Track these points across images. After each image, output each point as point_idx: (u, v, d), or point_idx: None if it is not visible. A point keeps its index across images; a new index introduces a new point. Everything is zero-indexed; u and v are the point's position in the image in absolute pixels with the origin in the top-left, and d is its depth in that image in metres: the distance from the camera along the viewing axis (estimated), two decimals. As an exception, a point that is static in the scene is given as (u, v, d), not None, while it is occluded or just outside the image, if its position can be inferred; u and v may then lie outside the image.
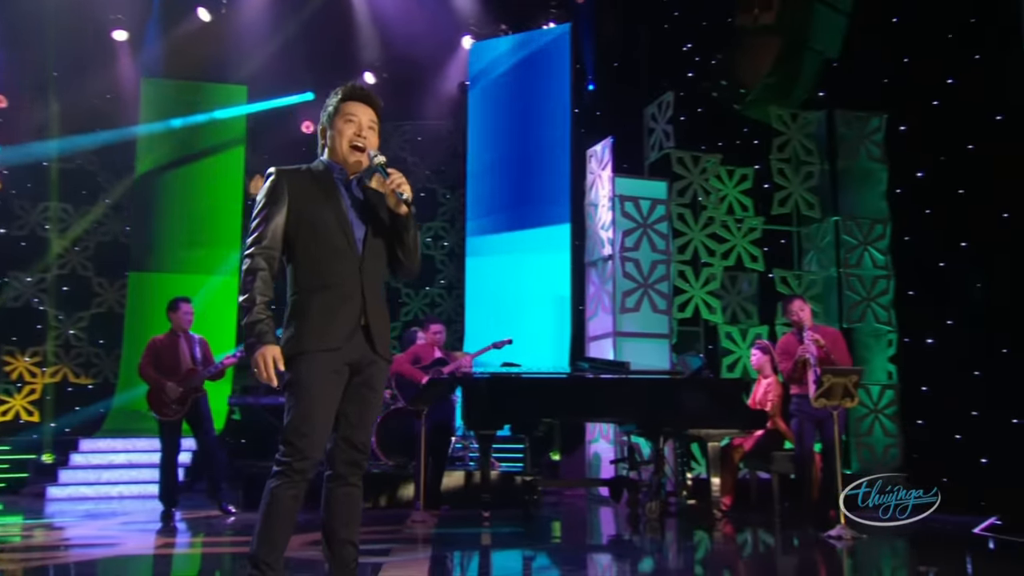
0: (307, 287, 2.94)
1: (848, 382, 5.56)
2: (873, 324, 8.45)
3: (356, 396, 2.96)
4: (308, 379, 2.84)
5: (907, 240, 8.78)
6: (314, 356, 2.85)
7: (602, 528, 6.51)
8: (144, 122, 11.54)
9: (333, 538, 2.96)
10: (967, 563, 4.45)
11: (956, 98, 8.50)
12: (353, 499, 2.98)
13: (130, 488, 8.90)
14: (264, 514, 2.82)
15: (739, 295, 8.89)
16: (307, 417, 2.83)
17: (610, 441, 7.96)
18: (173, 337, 6.79)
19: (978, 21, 8.49)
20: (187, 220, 11.50)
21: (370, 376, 2.98)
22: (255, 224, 2.98)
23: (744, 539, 5.86)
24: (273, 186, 3.01)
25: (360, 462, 2.98)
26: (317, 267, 2.94)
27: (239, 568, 4.38)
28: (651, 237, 8.22)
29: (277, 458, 2.85)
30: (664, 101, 8.74)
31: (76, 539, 5.86)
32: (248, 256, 2.95)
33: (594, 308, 8.43)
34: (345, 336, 2.90)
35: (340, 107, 3.09)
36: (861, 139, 8.75)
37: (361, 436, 2.97)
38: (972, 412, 8.09)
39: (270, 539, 2.81)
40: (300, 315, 2.90)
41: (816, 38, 9.09)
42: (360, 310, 2.95)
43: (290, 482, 2.82)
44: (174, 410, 6.58)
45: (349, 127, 3.05)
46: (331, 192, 3.03)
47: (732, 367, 8.35)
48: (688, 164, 8.58)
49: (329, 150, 3.11)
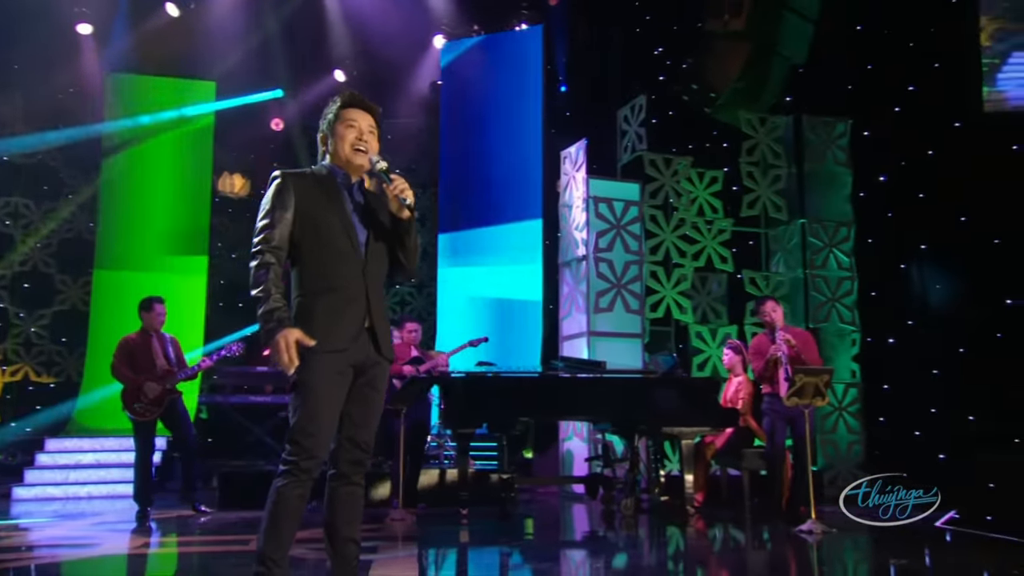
0: (312, 290, 3.00)
1: (819, 381, 5.74)
2: (837, 324, 8.68)
3: (360, 396, 3.02)
4: (314, 380, 2.90)
5: (870, 242, 9.05)
6: (320, 357, 2.91)
7: (579, 525, 6.63)
8: (109, 118, 11.38)
9: (335, 536, 3.02)
10: (925, 555, 4.62)
11: (917, 104, 8.78)
12: (356, 498, 3.04)
13: (99, 488, 8.80)
14: (270, 512, 2.87)
15: (709, 295, 9.08)
16: (313, 417, 2.89)
17: (584, 439, 8.09)
18: (145, 336, 6.74)
19: (938, 30, 8.78)
20: (154, 218, 11.36)
21: (373, 377, 3.05)
22: (263, 225, 3.02)
23: (718, 535, 6.02)
24: (279, 189, 3.06)
25: (363, 461, 3.05)
26: (322, 270, 2.99)
27: (221, 567, 4.42)
28: (624, 238, 8.36)
29: (284, 457, 2.90)
30: (637, 104, 8.89)
31: (55, 540, 5.82)
32: (257, 253, 2.99)
33: (568, 308, 8.54)
34: (351, 338, 2.97)
35: (340, 113, 3.16)
36: (827, 144, 8.98)
37: (365, 436, 3.03)
38: (931, 410, 8.39)
39: (277, 537, 2.86)
40: (305, 317, 2.95)
41: (784, 44, 9.31)
42: (364, 312, 3.02)
43: (296, 481, 2.87)
44: (150, 411, 6.52)
45: (350, 132, 3.12)
46: (334, 196, 3.09)
47: (702, 366, 8.52)
48: (660, 166, 8.74)
49: (331, 155, 3.18)
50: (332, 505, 3.03)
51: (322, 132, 3.22)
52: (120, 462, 9.12)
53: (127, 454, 9.22)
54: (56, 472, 8.91)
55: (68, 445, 9.31)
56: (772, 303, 6.63)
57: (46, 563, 4.70)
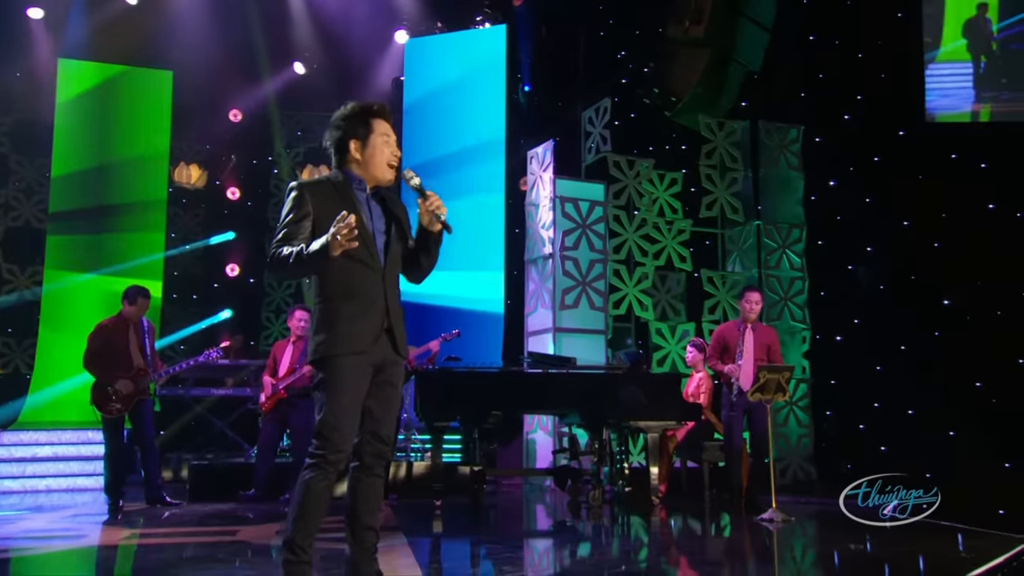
0: (333, 296, 3.15)
1: (781, 378, 6.08)
2: (789, 322, 9.10)
3: (380, 393, 3.20)
4: (339, 380, 3.08)
5: (820, 244, 9.49)
6: (344, 359, 3.09)
7: (551, 515, 6.87)
8: (61, 104, 11.19)
9: (356, 523, 3.20)
10: (867, 542, 4.95)
11: (865, 113, 9.24)
12: (377, 488, 3.23)
13: (58, 481, 8.75)
14: (300, 503, 3.05)
15: (668, 293, 9.41)
16: (339, 414, 3.07)
17: (548, 432, 8.35)
18: (123, 326, 6.65)
19: (884, 43, 9.24)
20: (108, 207, 11.21)
21: (392, 375, 3.23)
22: (281, 234, 3.16)
23: (685, 524, 6.33)
24: (297, 200, 3.19)
25: (385, 454, 3.23)
26: (342, 277, 3.14)
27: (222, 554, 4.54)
28: (589, 237, 8.64)
29: (311, 451, 3.07)
30: (602, 106, 9.16)
31: (37, 532, 5.81)
32: (276, 251, 3.11)
33: (534, 304, 8.78)
34: (372, 340, 3.15)
35: (373, 124, 3.28)
36: (781, 148, 9.39)
37: (386, 430, 3.22)
38: (874, 404, 8.87)
39: (305, 525, 3.04)
40: (329, 322, 3.12)
41: (740, 51, 9.68)
42: (383, 315, 3.20)
43: (323, 473, 3.06)
44: (118, 409, 6.48)
45: (387, 147, 3.28)
46: (352, 206, 3.20)
47: (662, 362, 8.85)
48: (624, 168, 9.02)
49: (358, 163, 3.29)
50: (355, 495, 3.20)
51: (345, 137, 3.29)
52: (79, 455, 9.08)
53: (85, 447, 9.19)
54: (12, 465, 8.83)
55: (24, 438, 9.21)
56: (759, 295, 6.89)
57: (41, 553, 4.75)
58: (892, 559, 4.50)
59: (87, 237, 11.02)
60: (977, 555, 4.40)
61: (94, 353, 6.54)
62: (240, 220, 12.68)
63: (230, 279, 12.64)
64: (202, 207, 12.94)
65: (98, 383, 6.51)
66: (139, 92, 11.45)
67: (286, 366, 7.23)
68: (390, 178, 3.32)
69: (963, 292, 8.28)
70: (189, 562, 4.44)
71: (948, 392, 8.00)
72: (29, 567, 4.45)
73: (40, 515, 6.59)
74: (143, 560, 4.51)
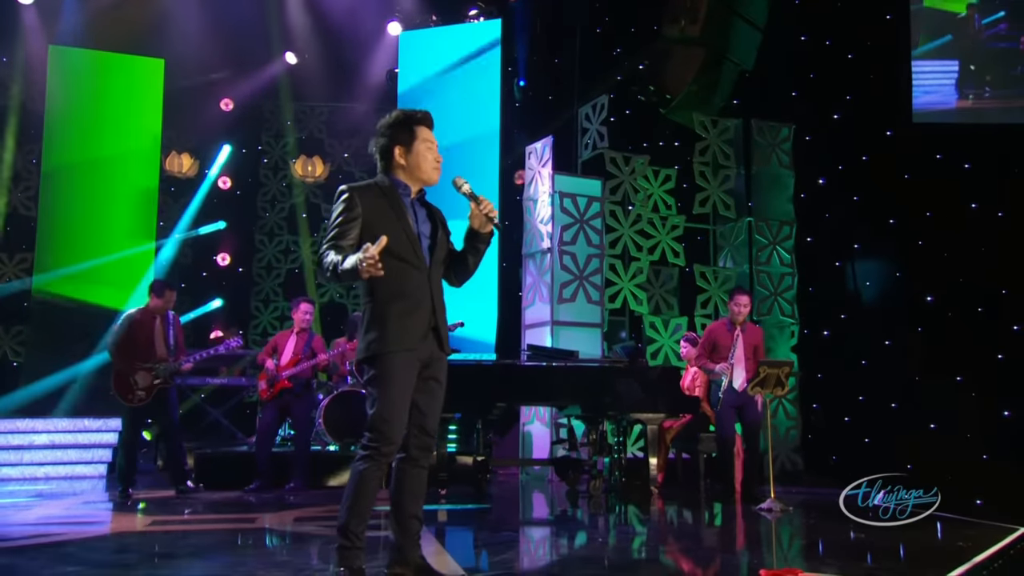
0: (383, 297, 3.33)
1: (781, 373, 6.35)
2: (779, 317, 9.37)
3: (425, 388, 3.40)
4: (390, 375, 3.27)
5: (809, 241, 9.78)
6: (395, 355, 3.29)
7: (554, 504, 7.08)
8: (51, 92, 11.18)
9: (401, 512, 3.39)
10: (865, 530, 5.20)
11: (854, 112, 9.51)
12: (422, 479, 3.43)
13: (56, 469, 8.83)
14: (353, 492, 3.24)
15: (662, 288, 9.65)
16: (391, 408, 3.26)
17: (545, 423, 8.57)
18: (150, 318, 6.78)
19: (873, 44, 9.52)
20: (100, 197, 11.20)
21: (437, 370, 3.43)
22: (331, 236, 3.34)
23: (685, 512, 6.57)
24: (348, 203, 3.38)
25: (430, 446, 3.43)
26: (392, 278, 3.30)
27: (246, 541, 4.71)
28: (587, 232, 8.85)
29: (364, 444, 3.27)
30: (599, 103, 9.37)
31: (54, 519, 5.91)
32: (324, 255, 3.28)
33: (531, 298, 8.98)
34: (419, 338, 3.35)
35: (416, 131, 3.48)
36: (773, 147, 9.64)
37: (432, 423, 3.42)
38: (859, 397, 9.19)
39: (359, 513, 3.24)
40: (380, 322, 3.31)
41: (734, 51, 9.92)
42: (430, 314, 3.40)
43: (376, 465, 3.26)
44: (140, 398, 6.63)
45: (431, 152, 3.48)
46: (399, 209, 3.42)
47: (655, 355, 9.09)
48: (620, 164, 9.24)
49: (402, 168, 3.49)
50: (400, 485, 3.40)
51: (390, 144, 3.49)
52: (76, 443, 9.15)
53: (82, 435, 9.28)
54: (10, 453, 8.89)
55: (20, 426, 9.26)
56: (747, 298, 7.18)
57: (75, 539, 4.88)
58: (891, 547, 4.76)
59: (77, 225, 11.04)
60: (973, 544, 4.68)
61: (119, 343, 6.67)
62: (230, 209, 12.75)
63: (220, 269, 12.72)
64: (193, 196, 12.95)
65: (119, 372, 6.64)
66: (131, 80, 11.45)
67: (289, 355, 7.39)
68: (435, 180, 3.52)
69: (945, 289, 8.60)
70: (221, 547, 4.59)
71: (930, 386, 8.33)
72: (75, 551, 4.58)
73: (49, 502, 6.70)
74: (174, 545, 4.66)
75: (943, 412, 8.24)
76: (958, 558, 4.22)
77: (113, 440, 9.39)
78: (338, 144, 13.34)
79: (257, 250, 13.04)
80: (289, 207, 13.18)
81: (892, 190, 9.04)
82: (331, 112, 13.30)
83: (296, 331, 7.49)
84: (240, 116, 12.66)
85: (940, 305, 8.65)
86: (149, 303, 6.85)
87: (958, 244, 8.47)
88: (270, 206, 13.20)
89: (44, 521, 5.75)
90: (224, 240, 12.75)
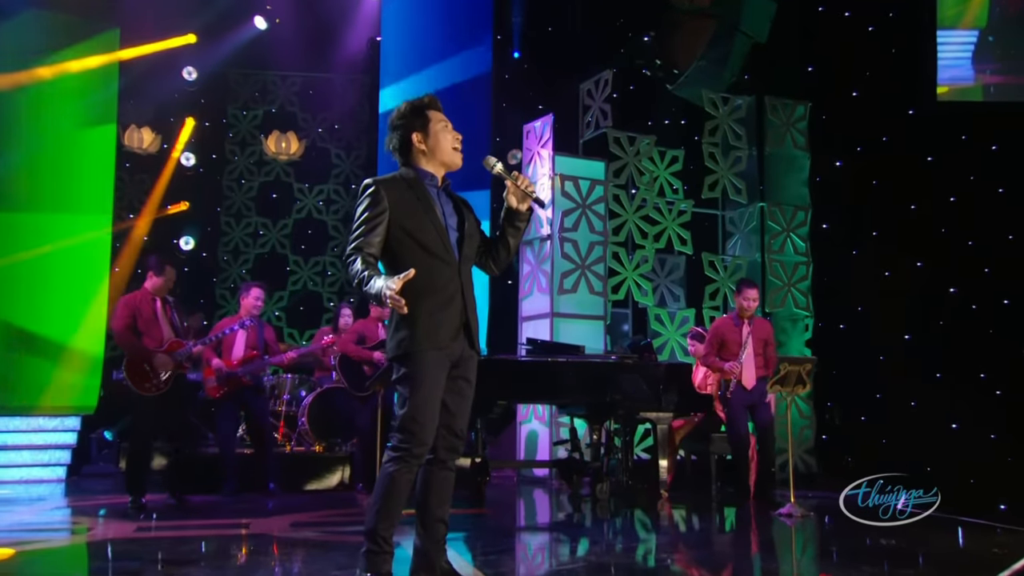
0: (413, 293, 3.49)
1: (803, 370, 6.62)
2: (792, 309, 9.66)
3: (455, 387, 3.62)
4: (421, 374, 3.49)
5: (825, 228, 10.04)
6: (426, 353, 3.50)
7: (558, 509, 7.33)
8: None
9: (428, 516, 3.62)
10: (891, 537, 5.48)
11: (874, 89, 9.74)
12: (449, 482, 3.66)
13: (8, 472, 8.96)
14: (383, 495, 3.46)
15: (667, 277, 9.91)
16: (422, 408, 3.48)
17: (545, 422, 8.82)
18: (150, 299, 6.71)
19: (896, 16, 9.75)
20: (52, 176, 11.23)
21: (467, 369, 3.66)
22: (358, 232, 3.55)
23: (699, 517, 6.84)
24: (374, 198, 3.58)
25: (458, 447, 3.66)
26: (421, 273, 3.49)
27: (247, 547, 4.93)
28: (589, 218, 9.09)
29: (395, 445, 3.49)
30: (602, 79, 9.58)
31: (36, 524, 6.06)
32: (351, 261, 3.51)
33: (529, 288, 9.21)
34: (451, 336, 3.57)
35: (429, 115, 3.72)
36: (787, 126, 9.91)
37: (460, 424, 3.65)
38: (876, 395, 9.47)
39: (387, 516, 3.47)
40: (410, 319, 3.50)
41: (746, 22, 10.15)
42: (461, 310, 3.62)
43: (407, 467, 3.48)
44: (157, 386, 6.56)
45: (447, 132, 3.72)
46: (427, 202, 3.64)
47: (660, 350, 9.35)
48: (624, 144, 9.47)
49: (424, 154, 3.71)
50: (427, 487, 3.63)
51: (407, 133, 3.71)
52: (29, 444, 9.30)
53: (37, 435, 9.42)
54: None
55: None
56: (756, 291, 7.47)
57: (60, 546, 5.06)
58: (920, 553, 5.05)
59: (25, 206, 11.05)
60: (1009, 551, 4.96)
61: (124, 325, 6.58)
62: (193, 189, 12.85)
63: (183, 253, 12.82)
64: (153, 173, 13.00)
65: (131, 359, 6.55)
66: (83, 49, 11.46)
67: (242, 349, 7.54)
68: (458, 162, 3.75)
69: (969, 280, 8.83)
70: (222, 556, 4.81)
71: (951, 384, 8.59)
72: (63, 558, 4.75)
73: (15, 507, 6.85)
74: (173, 552, 4.86)
75: (966, 411, 8.50)
76: (997, 566, 4.48)
77: (71, 441, 9.56)
78: (312, 119, 13.47)
79: (223, 233, 13.16)
80: (259, 186, 13.31)
81: (914, 173, 9.26)
82: (305, 83, 13.42)
83: (245, 320, 7.52)
84: (204, 87, 12.74)
85: (964, 297, 8.85)
86: (146, 283, 6.76)
87: (984, 232, 8.66)
88: (237, 185, 13.31)
89: (17, 527, 5.90)
90: (186, 222, 12.83)
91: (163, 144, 12.90)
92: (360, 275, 3.43)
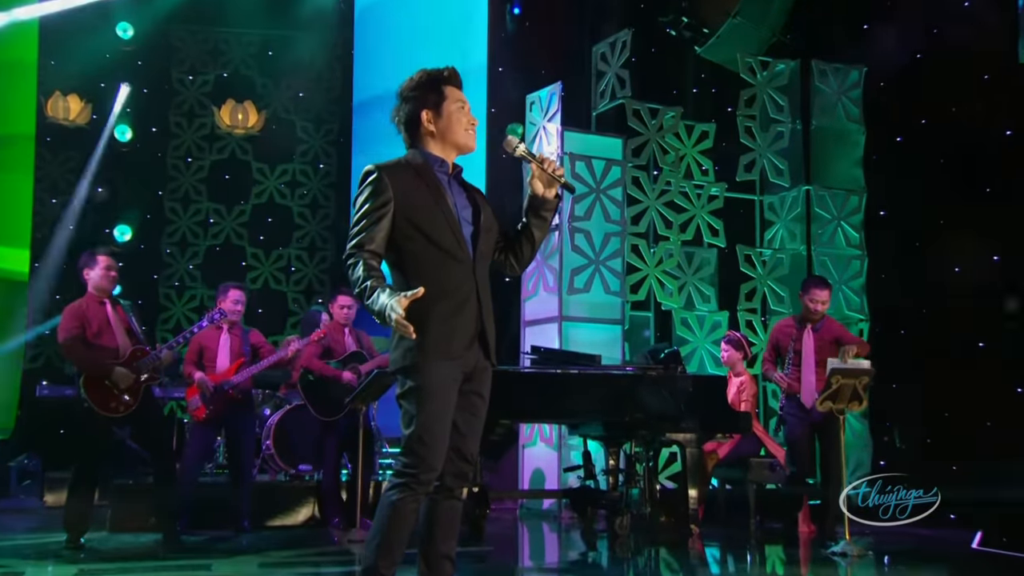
0: (422, 296, 3.53)
1: (858, 383, 6.77)
2: (844, 311, 9.70)
3: (466, 403, 3.73)
4: (431, 389, 3.59)
5: (882, 215, 10.09)
6: (436, 365, 3.60)
7: (570, 547, 7.49)
8: None
9: (432, 552, 3.75)
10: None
11: (942, 52, 9.76)
12: (456, 513, 3.80)
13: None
14: (384, 527, 3.59)
15: (696, 275, 9.99)
16: (431, 427, 3.59)
17: (553, 445, 8.96)
18: (97, 304, 6.71)
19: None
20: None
21: (480, 383, 3.78)
22: (358, 227, 3.66)
23: (733, 556, 7.01)
24: (376, 187, 3.68)
25: (467, 474, 3.80)
26: (430, 274, 3.62)
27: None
28: (604, 204, 9.23)
29: (400, 469, 3.60)
30: (619, 40, 9.69)
31: None
32: (351, 265, 3.62)
33: (533, 287, 9.34)
34: (465, 346, 3.68)
35: (445, 91, 3.82)
36: (838, 95, 10.01)
37: (471, 447, 3.77)
38: (944, 413, 9.56)
39: (390, 553, 3.59)
40: (418, 326, 3.53)
41: (790, -30, 10.29)
42: (476, 316, 3.73)
43: (413, 495, 3.58)
44: (126, 404, 6.58)
45: (463, 114, 3.83)
46: (437, 191, 3.74)
47: (688, 359, 9.48)
48: (645, 117, 9.59)
49: (433, 136, 3.82)
50: (431, 519, 3.74)
51: (417, 109, 3.81)
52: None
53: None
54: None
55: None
56: (828, 293, 7.52)
57: None
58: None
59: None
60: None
61: (71, 340, 6.56)
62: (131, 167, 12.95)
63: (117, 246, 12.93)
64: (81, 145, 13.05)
65: (89, 376, 6.54)
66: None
67: (226, 360, 7.65)
68: (472, 145, 3.87)
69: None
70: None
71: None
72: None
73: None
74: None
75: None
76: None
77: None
78: (273, 85, 13.55)
79: (168, 221, 13.26)
80: (210, 165, 13.41)
81: (990, 150, 9.31)
82: (264, 42, 13.51)
83: (226, 327, 7.61)
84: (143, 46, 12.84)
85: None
86: (88, 286, 6.75)
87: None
88: (183, 164, 13.40)
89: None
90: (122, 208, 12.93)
91: (93, 115, 12.99)
92: (362, 284, 3.52)
